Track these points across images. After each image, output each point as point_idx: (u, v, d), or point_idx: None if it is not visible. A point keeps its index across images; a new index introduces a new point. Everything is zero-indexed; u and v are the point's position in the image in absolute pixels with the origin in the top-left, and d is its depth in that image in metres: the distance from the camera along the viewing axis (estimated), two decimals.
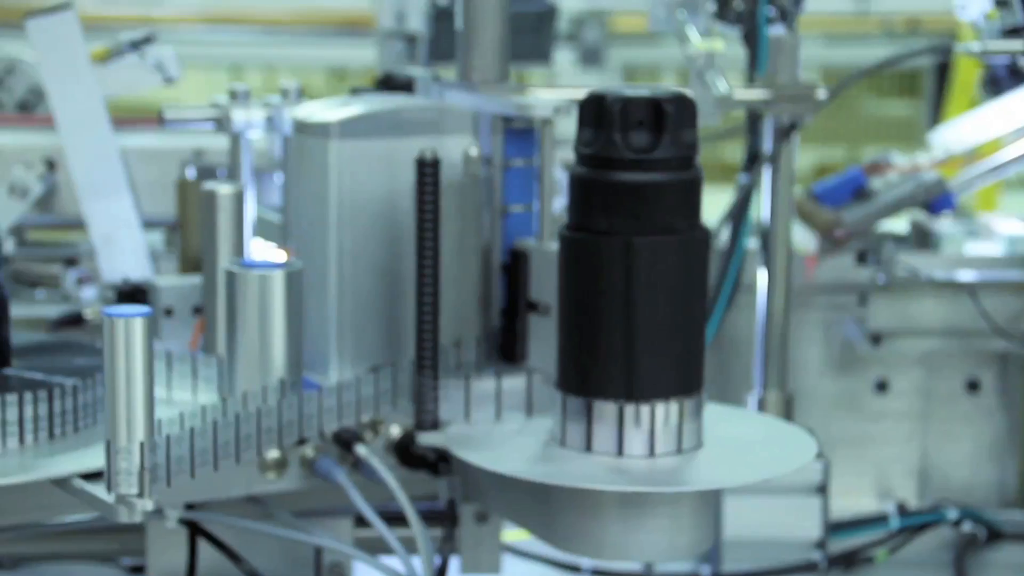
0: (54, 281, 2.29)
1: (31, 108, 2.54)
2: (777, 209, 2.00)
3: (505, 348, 1.68)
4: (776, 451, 1.45)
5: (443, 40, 2.98)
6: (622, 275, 1.37)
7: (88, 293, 2.29)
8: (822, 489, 1.98)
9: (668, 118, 1.37)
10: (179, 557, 1.65)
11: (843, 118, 7.20)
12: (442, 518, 1.64)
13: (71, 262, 2.31)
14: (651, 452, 1.39)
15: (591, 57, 5.95)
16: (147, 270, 2.18)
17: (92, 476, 1.34)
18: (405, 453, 1.56)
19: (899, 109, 8.65)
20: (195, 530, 1.61)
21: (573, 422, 1.41)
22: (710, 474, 1.39)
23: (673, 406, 1.39)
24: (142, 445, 1.26)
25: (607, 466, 1.39)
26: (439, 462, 1.53)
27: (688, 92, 1.39)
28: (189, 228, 2.27)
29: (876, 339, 2.23)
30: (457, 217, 1.62)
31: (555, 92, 1.72)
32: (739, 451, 1.44)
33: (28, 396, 1.38)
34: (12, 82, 2.52)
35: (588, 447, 1.40)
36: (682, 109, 1.38)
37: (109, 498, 1.28)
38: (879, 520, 2.14)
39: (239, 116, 1.75)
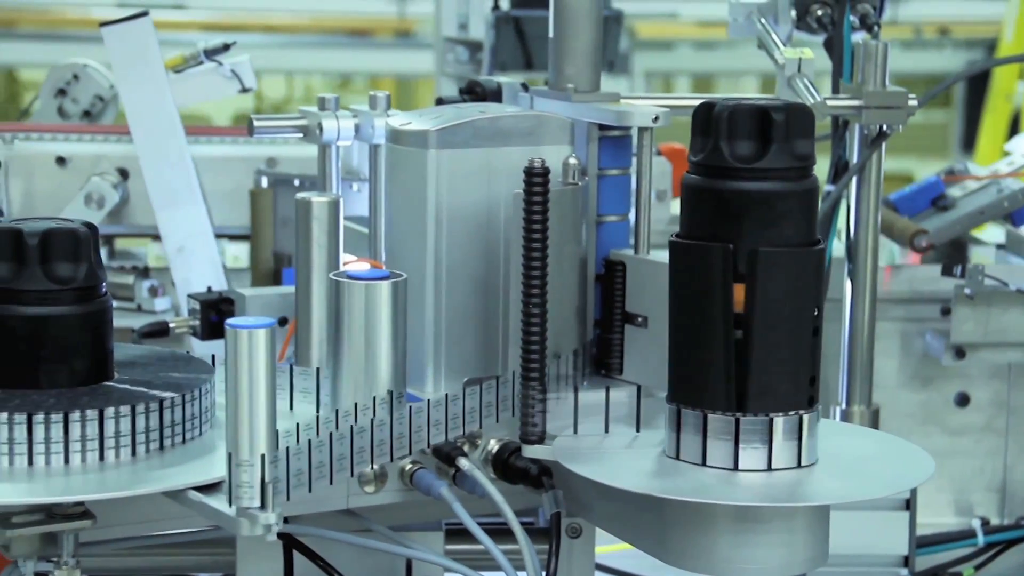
0: (127, 292, 2.28)
1: (96, 116, 2.53)
2: (863, 219, 1.98)
3: (599, 360, 1.66)
4: (893, 467, 1.42)
5: (505, 48, 2.97)
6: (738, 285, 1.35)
7: (161, 304, 2.28)
8: (909, 505, 1.96)
9: (776, 128, 1.35)
10: (268, 571, 1.63)
11: None
12: (536, 533, 1.61)
13: (144, 272, 2.30)
14: (768, 466, 1.37)
15: (619, 64, 5.97)
16: (221, 280, 2.17)
17: (204, 488, 1.32)
18: (505, 466, 1.54)
19: (929, 117, 8.62)
20: (290, 543, 1.59)
21: (687, 435, 1.39)
22: (829, 489, 1.37)
23: (791, 420, 1.37)
24: (264, 457, 1.24)
25: (724, 480, 1.36)
26: (541, 475, 1.51)
27: (805, 103, 1.37)
28: (261, 237, 2.26)
29: (960, 352, 2.21)
30: (556, 227, 1.59)
31: (650, 101, 1.71)
32: (855, 466, 1.42)
33: (140, 408, 1.36)
34: (77, 91, 2.51)
35: (703, 461, 1.38)
36: (794, 119, 1.36)
37: (230, 511, 1.26)
38: (965, 536, 2.11)
39: (330, 125, 1.73)
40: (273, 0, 8.17)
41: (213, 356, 1.57)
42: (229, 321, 1.23)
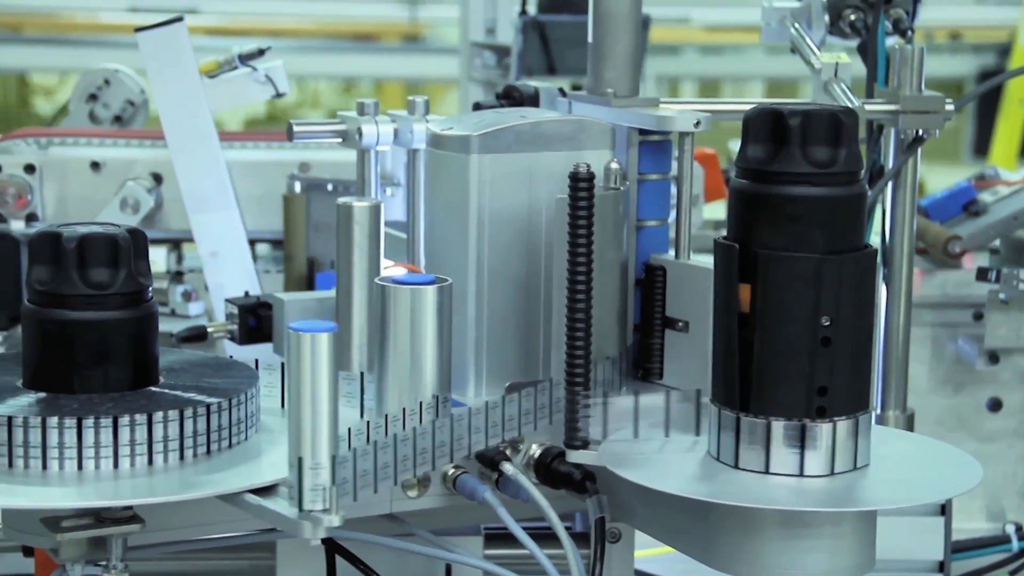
0: (160, 296, 2.28)
1: (127, 121, 2.53)
2: (899, 224, 1.97)
3: (637, 364, 1.66)
4: (940, 472, 1.42)
5: (532, 52, 2.97)
6: (809, 292, 1.35)
7: (195, 308, 2.28)
8: (944, 510, 1.95)
9: (846, 132, 1.36)
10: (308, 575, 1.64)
11: None
12: (572, 537, 1.61)
13: (177, 277, 2.30)
14: (819, 471, 1.37)
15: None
16: (254, 284, 2.17)
17: (258, 492, 1.32)
18: (547, 471, 1.54)
19: None
20: (333, 547, 1.59)
21: (731, 439, 1.39)
22: (879, 494, 1.37)
23: (845, 424, 1.37)
24: (327, 461, 1.24)
25: (774, 484, 1.36)
26: (585, 480, 1.51)
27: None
28: (294, 242, 2.27)
29: (994, 357, 2.20)
30: (598, 232, 1.59)
31: (689, 106, 1.70)
32: (902, 471, 1.41)
33: (188, 412, 1.36)
34: (108, 95, 2.52)
35: (751, 466, 1.38)
36: (854, 123, 1.37)
37: (291, 513, 1.26)
38: (1000, 541, 2.10)
39: (369, 130, 1.73)
40: (286, 5, 8.18)
41: (256, 360, 1.57)
42: (291, 324, 1.23)
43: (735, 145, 2.97)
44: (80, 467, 1.33)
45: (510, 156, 1.59)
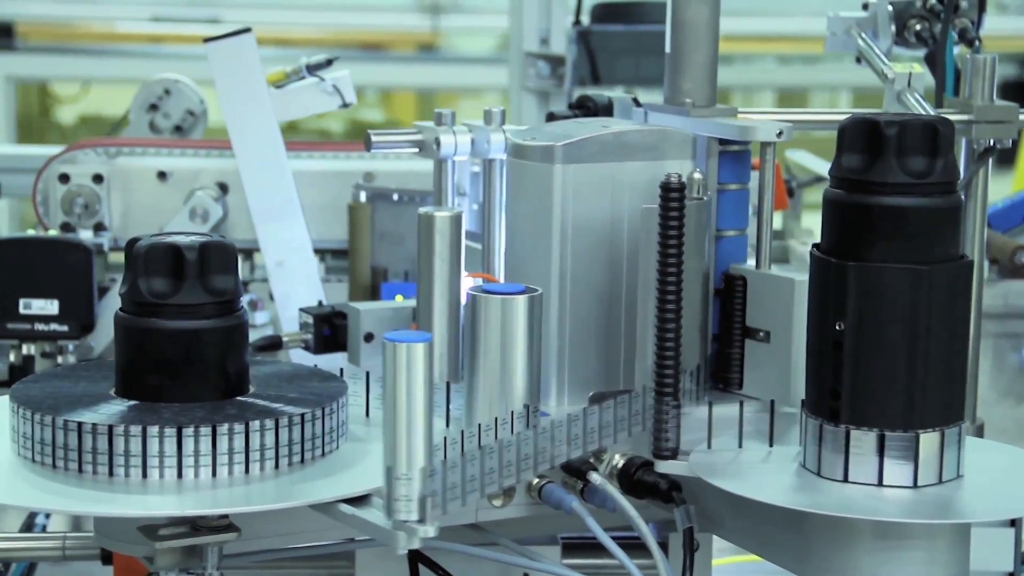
0: None
1: (187, 131, 2.54)
2: (969, 235, 1.97)
3: (716, 374, 1.66)
4: None
5: (586, 62, 2.98)
6: (901, 303, 1.35)
7: (261, 317, 2.29)
8: (1014, 521, 1.94)
9: (943, 142, 1.36)
10: None
11: None
12: (639, 548, 1.61)
13: (243, 286, 2.31)
14: (913, 482, 1.37)
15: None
16: (319, 294, 2.18)
17: (351, 501, 1.32)
18: (632, 481, 1.54)
19: None
20: (416, 557, 1.59)
21: (829, 450, 1.39)
22: (975, 506, 1.36)
23: (936, 435, 1.37)
24: (422, 471, 1.24)
25: (869, 495, 1.36)
26: (671, 490, 1.51)
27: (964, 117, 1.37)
28: (359, 251, 2.27)
29: None
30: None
31: (769, 116, 1.70)
32: (995, 482, 1.41)
33: (283, 421, 1.36)
34: (168, 105, 2.52)
35: (846, 476, 1.38)
36: (950, 133, 1.37)
37: (386, 524, 1.26)
38: None
39: (447, 140, 1.74)
40: (305, 15, 8.18)
41: (341, 369, 1.57)
42: (387, 335, 1.24)
43: (793, 155, 2.97)
44: (179, 475, 1.33)
45: (593, 166, 1.60)
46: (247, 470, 1.35)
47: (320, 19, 8.10)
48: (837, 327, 1.37)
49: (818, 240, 1.44)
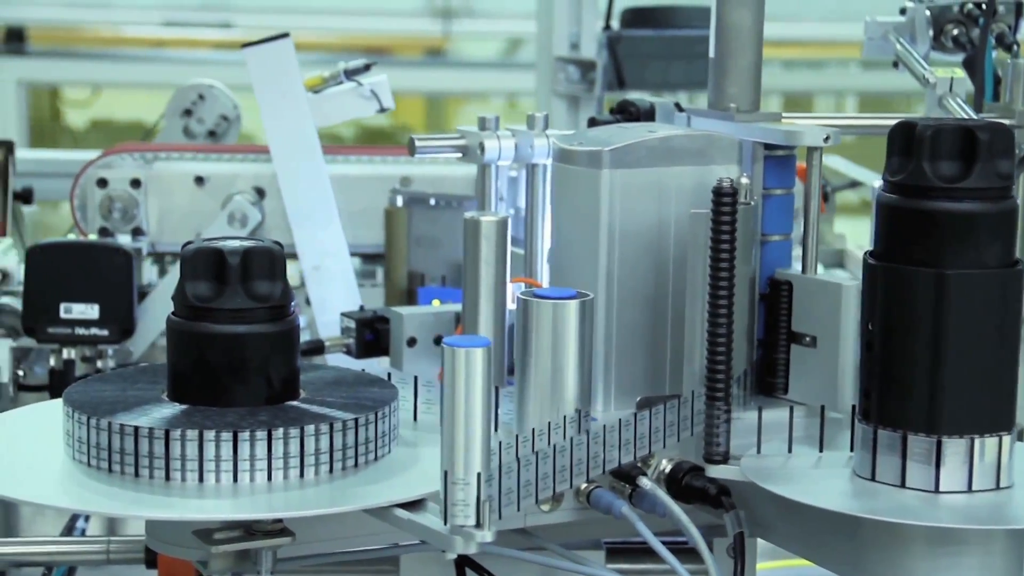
0: None
1: (220, 136, 2.54)
2: None
3: (761, 379, 1.66)
4: None
5: (615, 67, 2.98)
6: (936, 307, 1.35)
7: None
8: None
9: (981, 147, 1.35)
10: None
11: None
12: (685, 552, 1.60)
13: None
14: (968, 488, 1.36)
15: None
16: (356, 298, 2.18)
17: (406, 505, 1.33)
18: (680, 486, 1.54)
19: None
20: (464, 561, 1.59)
21: (884, 456, 1.39)
22: None
23: (991, 441, 1.37)
24: (479, 476, 1.24)
25: (924, 501, 1.36)
26: (720, 495, 1.50)
27: (1005, 122, 1.37)
28: (395, 256, 2.27)
29: None
30: None
31: (816, 120, 1.70)
32: None
33: (337, 426, 1.36)
34: (202, 111, 2.53)
35: (902, 482, 1.38)
36: (997, 138, 1.36)
37: (443, 528, 1.26)
38: None
39: (491, 145, 1.74)
40: (315, 19, 8.18)
41: (389, 373, 1.57)
42: (446, 339, 1.24)
43: (827, 160, 2.96)
44: (235, 479, 1.33)
45: (640, 171, 1.60)
46: (302, 474, 1.35)
47: (329, 23, 8.11)
48: (892, 333, 1.37)
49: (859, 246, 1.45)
